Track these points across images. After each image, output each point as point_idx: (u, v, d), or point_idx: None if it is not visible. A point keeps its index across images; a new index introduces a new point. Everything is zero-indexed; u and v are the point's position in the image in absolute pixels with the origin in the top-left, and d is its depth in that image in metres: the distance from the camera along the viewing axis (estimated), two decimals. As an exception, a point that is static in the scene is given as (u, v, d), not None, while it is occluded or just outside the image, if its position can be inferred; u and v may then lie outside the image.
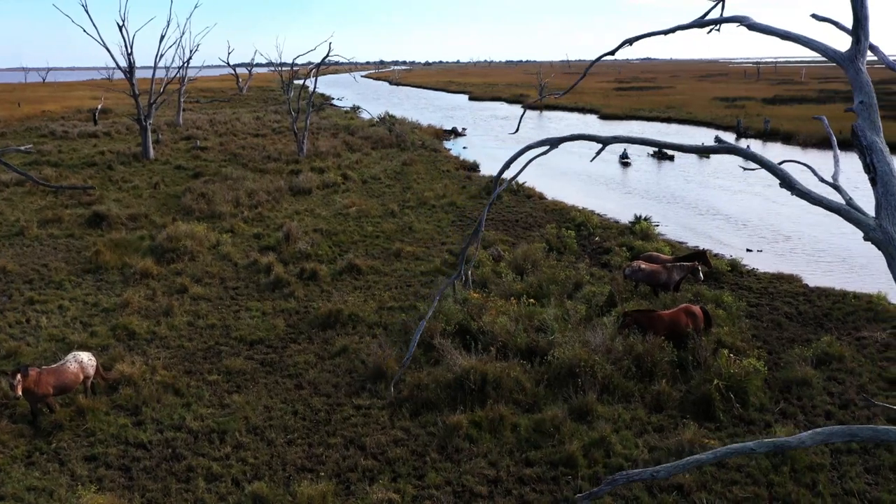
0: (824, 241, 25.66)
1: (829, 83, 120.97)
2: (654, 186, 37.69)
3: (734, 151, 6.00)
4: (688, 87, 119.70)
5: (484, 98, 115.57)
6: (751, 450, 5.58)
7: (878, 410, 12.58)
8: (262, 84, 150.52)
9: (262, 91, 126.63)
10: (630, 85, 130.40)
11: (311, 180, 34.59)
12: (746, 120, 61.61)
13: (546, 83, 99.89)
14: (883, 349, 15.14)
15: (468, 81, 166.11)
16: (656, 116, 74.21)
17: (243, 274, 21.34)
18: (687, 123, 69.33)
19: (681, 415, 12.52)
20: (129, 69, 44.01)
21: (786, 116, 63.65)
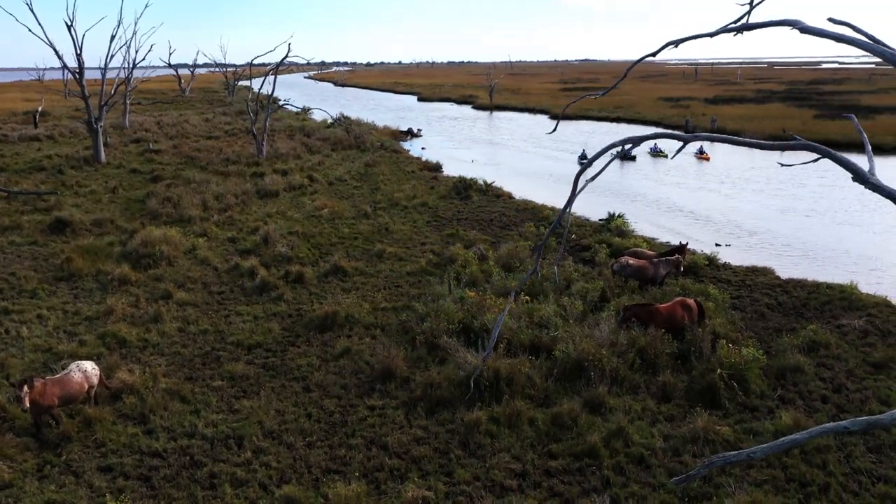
0: (788, 235, 26.78)
1: (763, 83, 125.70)
2: (617, 185, 38.54)
3: (809, 148, 6.34)
4: (632, 87, 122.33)
5: (433, 99, 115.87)
6: (845, 428, 5.89)
7: (869, 394, 13.31)
8: (204, 85, 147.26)
9: (206, 93, 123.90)
10: (575, 86, 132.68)
11: (276, 182, 34.18)
12: (693, 119, 63.51)
13: (496, 83, 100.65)
14: (863, 335, 15.97)
15: (414, 82, 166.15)
16: (606, 116, 75.84)
17: (226, 278, 21.00)
18: (636, 123, 71.00)
19: (688, 404, 12.97)
20: (79, 70, 42.54)
21: (729, 116, 65.96)
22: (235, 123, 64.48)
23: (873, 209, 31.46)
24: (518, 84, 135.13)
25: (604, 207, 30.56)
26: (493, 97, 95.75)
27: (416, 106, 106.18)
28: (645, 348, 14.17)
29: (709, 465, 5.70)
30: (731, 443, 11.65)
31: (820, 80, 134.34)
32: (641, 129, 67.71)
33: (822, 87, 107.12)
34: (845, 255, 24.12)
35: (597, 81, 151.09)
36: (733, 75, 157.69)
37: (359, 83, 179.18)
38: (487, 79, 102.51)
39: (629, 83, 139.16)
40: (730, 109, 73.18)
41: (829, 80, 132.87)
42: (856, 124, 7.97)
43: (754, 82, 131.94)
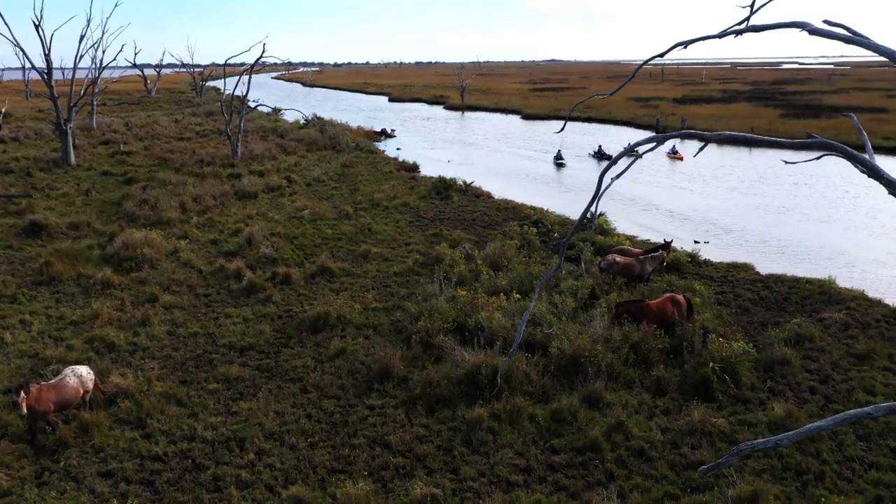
0: (763, 232, 27.40)
1: (728, 84, 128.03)
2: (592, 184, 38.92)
3: (826, 146, 6.57)
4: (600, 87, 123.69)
5: (404, 99, 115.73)
6: (868, 414, 6.10)
7: (854, 384, 13.73)
8: (170, 86, 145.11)
9: (172, 93, 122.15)
10: (544, 86, 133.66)
11: (254, 184, 33.92)
12: (663, 119, 64.46)
13: (467, 84, 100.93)
14: (844, 328, 16.45)
15: (384, 83, 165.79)
16: (577, 116, 76.41)
17: (211, 280, 20.81)
18: (608, 123, 71.94)
19: (682, 397, 13.25)
20: (48, 70, 41.68)
21: (698, 115, 67.09)
22: (206, 124, 63.75)
23: (839, 206, 32.37)
24: (488, 84, 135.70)
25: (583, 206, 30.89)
26: (464, 97, 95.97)
27: (388, 106, 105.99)
28: (638, 344, 14.43)
29: (738, 453, 5.89)
30: (727, 434, 11.94)
31: (782, 80, 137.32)
32: (613, 129, 68.60)
33: (786, 87, 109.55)
34: (819, 250, 24.78)
35: (565, 82, 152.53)
36: (698, 76, 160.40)
37: (328, 83, 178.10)
38: (459, 79, 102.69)
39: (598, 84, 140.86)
40: (698, 109, 74.43)
41: (792, 80, 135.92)
42: (855, 122, 8.26)
43: (719, 83, 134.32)
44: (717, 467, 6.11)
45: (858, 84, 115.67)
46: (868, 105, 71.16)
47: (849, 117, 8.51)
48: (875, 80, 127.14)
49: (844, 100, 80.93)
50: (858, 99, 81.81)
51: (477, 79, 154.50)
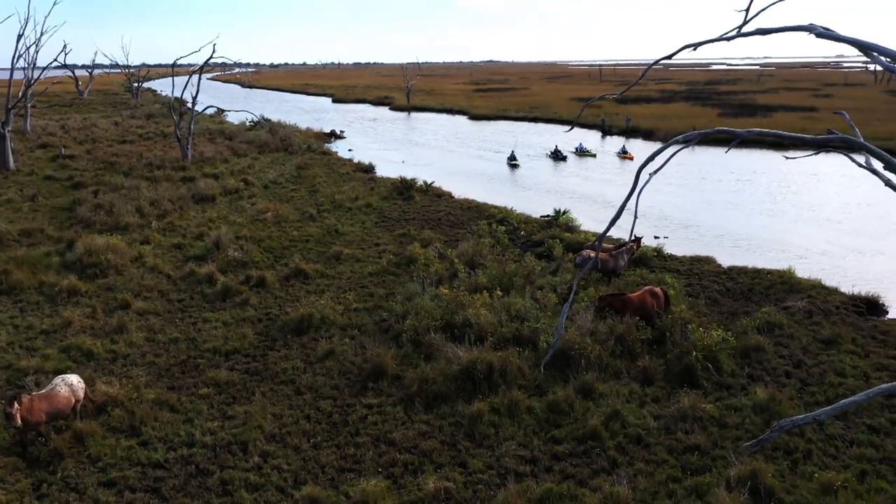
0: (717, 227, 28.50)
1: (664, 84, 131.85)
2: (547, 183, 39.75)
3: (846, 141, 7.05)
4: (542, 88, 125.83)
5: (348, 100, 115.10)
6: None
7: (825, 367, 14.54)
8: (102, 87, 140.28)
9: (106, 95, 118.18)
10: (487, 86, 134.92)
11: (211, 187, 33.32)
12: (608, 118, 66.02)
13: (413, 84, 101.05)
14: (808, 315, 17.36)
15: (326, 84, 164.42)
16: (524, 116, 77.67)
17: (182, 285, 20.43)
18: (553, 122, 73.23)
19: (669, 385, 13.79)
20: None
21: (640, 115, 68.94)
22: (149, 127, 62.16)
23: (783, 200, 33.91)
24: (431, 85, 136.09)
25: (542, 204, 31.56)
26: (410, 98, 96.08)
27: (332, 107, 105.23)
28: (623, 335, 14.92)
29: (780, 429, 6.30)
30: (717, 419, 12.50)
31: (714, 80, 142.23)
32: (559, 128, 69.82)
33: (719, 88, 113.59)
34: (770, 242, 25.95)
35: (507, 82, 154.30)
36: (635, 76, 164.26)
37: (267, 85, 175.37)
38: (404, 80, 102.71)
39: (539, 84, 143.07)
40: (639, 109, 76.43)
41: (723, 80, 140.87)
42: (847, 120, 8.84)
43: (655, 83, 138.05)
44: (761, 443, 6.52)
45: (786, 84, 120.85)
46: (798, 104, 74.53)
47: (841, 115, 9.09)
48: (800, 81, 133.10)
49: (775, 99, 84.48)
50: (788, 98, 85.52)
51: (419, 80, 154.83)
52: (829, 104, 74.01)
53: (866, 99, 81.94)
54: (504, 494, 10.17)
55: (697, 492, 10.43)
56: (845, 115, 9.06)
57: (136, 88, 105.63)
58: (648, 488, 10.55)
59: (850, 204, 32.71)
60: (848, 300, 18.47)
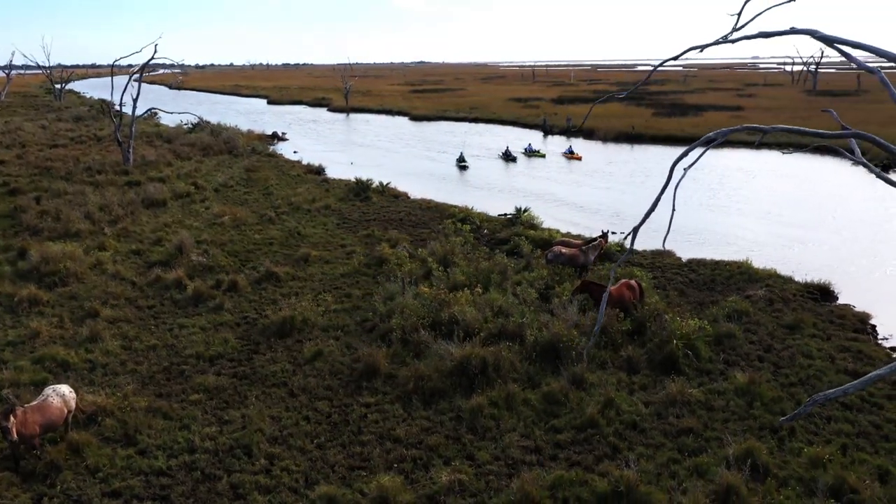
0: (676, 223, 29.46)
1: (596, 84, 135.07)
2: (497, 182, 40.34)
3: (858, 136, 7.61)
4: (478, 88, 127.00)
5: (284, 102, 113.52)
6: None
7: (794, 350, 15.44)
8: (20, 89, 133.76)
9: (25, 97, 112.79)
10: (423, 87, 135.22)
11: (161, 191, 32.45)
12: (549, 118, 67.28)
13: (351, 85, 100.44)
14: (769, 303, 18.34)
15: (258, 85, 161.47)
16: (464, 117, 78.29)
17: (150, 292, 19.94)
18: (494, 123, 74.08)
19: (654, 373, 14.38)
20: None
21: (579, 114, 70.44)
22: (80, 130, 59.88)
23: (723, 195, 35.44)
24: (367, 86, 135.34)
25: (497, 203, 32.04)
26: (348, 100, 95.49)
27: (267, 109, 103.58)
28: (605, 327, 15.45)
29: (813, 403, 6.81)
30: (703, 402, 13.15)
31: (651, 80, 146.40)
32: (499, 128, 70.81)
33: (648, 88, 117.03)
34: (720, 235, 27.15)
35: (442, 83, 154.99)
36: (567, 77, 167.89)
37: (197, 86, 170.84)
38: (342, 81, 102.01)
39: (474, 85, 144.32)
40: (575, 109, 78.04)
41: (652, 81, 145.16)
42: (836, 118, 9.51)
43: (587, 83, 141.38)
44: (796, 416, 7.02)
45: (710, 85, 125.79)
46: (725, 104, 77.71)
47: (828, 112, 9.76)
48: (723, 81, 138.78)
49: (704, 99, 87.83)
50: (715, 98, 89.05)
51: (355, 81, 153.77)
52: (754, 103, 77.56)
53: (787, 98, 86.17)
54: (519, 483, 10.46)
55: (698, 471, 10.99)
56: (833, 113, 9.74)
57: (60, 90, 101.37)
58: (652, 471, 11.04)
59: (784, 198, 34.44)
60: (802, 288, 19.59)
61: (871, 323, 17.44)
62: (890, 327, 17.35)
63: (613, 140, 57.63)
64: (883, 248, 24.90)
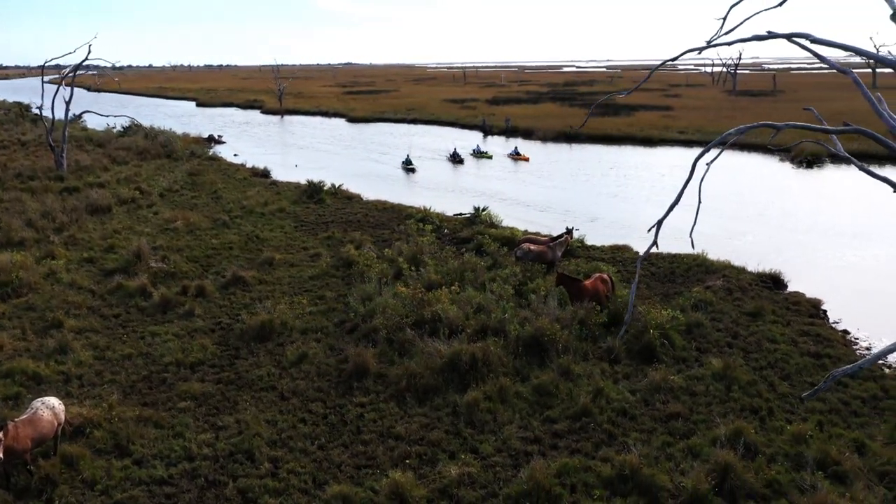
0: (621, 219, 30.54)
1: (527, 85, 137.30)
2: (448, 183, 40.69)
3: (859, 132, 8.21)
4: (412, 90, 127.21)
5: (214, 104, 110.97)
6: None
7: (759, 336, 16.31)
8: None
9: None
10: (356, 89, 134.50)
11: (104, 197, 31.36)
12: (488, 119, 68.08)
13: (285, 87, 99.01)
14: (729, 293, 19.28)
15: (184, 87, 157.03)
16: (402, 118, 78.39)
17: (112, 300, 19.32)
18: (433, 124, 74.49)
19: (634, 363, 14.95)
20: None
21: (516, 115, 71.60)
22: (0, 135, 57.02)
23: (661, 191, 36.75)
24: (299, 88, 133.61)
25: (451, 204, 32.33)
26: (282, 101, 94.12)
27: (197, 111, 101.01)
28: (584, 320, 15.96)
29: (831, 379, 7.34)
30: (685, 388, 13.76)
31: (572, 82, 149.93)
32: (439, 129, 71.29)
33: (578, 89, 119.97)
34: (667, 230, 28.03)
35: (373, 84, 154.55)
36: (498, 78, 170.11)
37: (118, 88, 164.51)
38: (275, 83, 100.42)
39: (407, 86, 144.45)
40: (512, 109, 79.24)
41: (581, 81, 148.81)
42: (816, 115, 10.21)
43: (518, 84, 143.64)
44: (817, 392, 7.55)
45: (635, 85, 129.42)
46: (655, 104, 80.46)
47: (809, 110, 10.46)
48: (648, 82, 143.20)
49: (634, 99, 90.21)
50: (643, 98, 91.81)
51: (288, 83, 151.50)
52: (682, 103, 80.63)
53: (710, 98, 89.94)
54: (528, 472, 10.75)
55: (692, 452, 11.55)
56: (814, 111, 10.45)
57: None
58: (650, 454, 11.52)
59: (723, 192, 35.96)
60: (756, 277, 20.67)
61: (822, 308, 18.56)
62: (838, 311, 18.51)
63: (553, 140, 58.89)
64: (817, 239, 26.44)
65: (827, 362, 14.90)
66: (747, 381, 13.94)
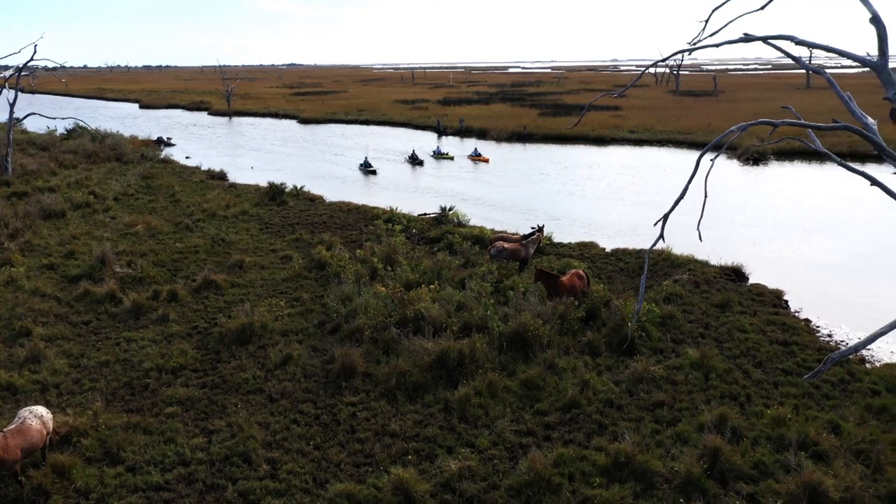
0: (583, 217, 31.17)
1: (475, 86, 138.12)
2: (407, 184, 40.78)
3: (848, 128, 8.68)
4: (361, 91, 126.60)
5: (159, 106, 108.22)
6: None
7: (729, 326, 16.96)
8: None
9: None
10: (304, 90, 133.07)
11: (57, 202, 30.43)
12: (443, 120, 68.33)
13: (233, 88, 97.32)
14: (696, 285, 19.96)
15: (125, 88, 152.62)
16: (354, 119, 78.05)
17: (80, 307, 18.83)
18: (385, 125, 74.38)
19: (615, 355, 15.37)
20: None
21: (469, 116, 72.09)
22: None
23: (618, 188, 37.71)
24: (245, 89, 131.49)
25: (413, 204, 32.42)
26: (230, 103, 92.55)
27: (141, 113, 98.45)
28: (563, 315, 16.33)
29: (830, 361, 7.77)
30: (666, 378, 14.24)
31: (520, 82, 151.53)
32: (391, 130, 71.27)
33: (527, 90, 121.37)
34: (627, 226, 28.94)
35: (321, 86, 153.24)
36: (446, 79, 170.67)
37: (54, 89, 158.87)
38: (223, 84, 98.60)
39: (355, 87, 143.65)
40: (463, 110, 79.69)
41: (528, 82, 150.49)
42: (794, 112, 10.74)
43: (467, 85, 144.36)
44: (817, 374, 7.96)
45: (583, 86, 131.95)
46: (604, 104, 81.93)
47: (787, 109, 11.00)
48: (593, 82, 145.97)
49: (581, 99, 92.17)
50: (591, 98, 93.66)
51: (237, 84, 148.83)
52: (629, 103, 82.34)
53: (656, 98, 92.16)
54: (528, 463, 10.99)
55: (681, 438, 12.00)
56: (791, 109, 10.99)
57: None
58: (640, 442, 11.90)
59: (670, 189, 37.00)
60: (720, 270, 21.44)
61: (784, 299, 19.38)
62: (798, 301, 19.35)
63: (507, 140, 59.54)
64: (770, 233, 27.54)
65: (795, 349, 15.63)
66: (724, 370, 14.51)
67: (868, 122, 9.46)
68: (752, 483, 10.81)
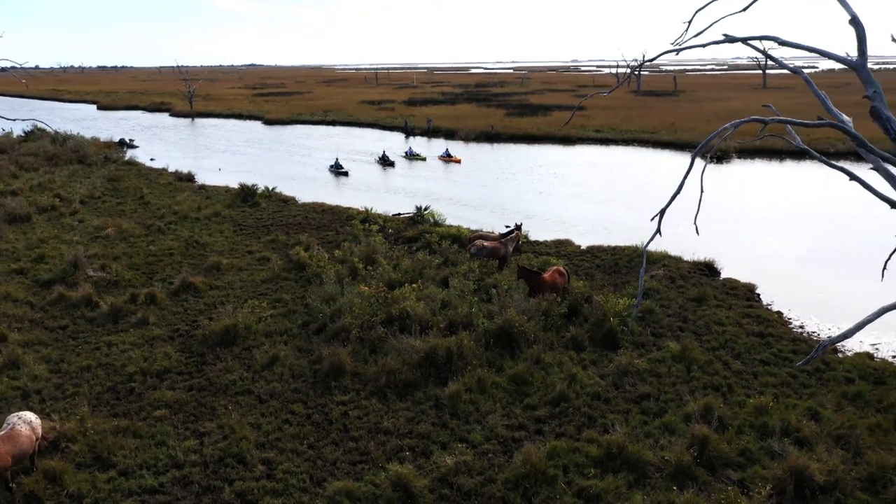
0: (555, 215, 31.53)
1: (440, 87, 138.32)
2: (382, 185, 40.75)
3: (832, 125, 8.99)
4: (325, 91, 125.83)
5: (117, 107, 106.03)
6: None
7: (707, 319, 17.40)
8: None
9: None
10: (267, 91, 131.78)
11: (22, 205, 29.72)
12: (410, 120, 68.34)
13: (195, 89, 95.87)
14: (671, 280, 20.40)
15: (80, 89, 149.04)
16: (320, 120, 77.62)
17: (55, 312, 18.47)
18: (352, 125, 74.13)
19: (598, 349, 15.66)
20: None
21: (435, 116, 72.20)
22: None
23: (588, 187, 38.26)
24: (206, 90, 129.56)
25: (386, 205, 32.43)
26: (193, 104, 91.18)
27: (99, 115, 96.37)
28: (547, 311, 16.58)
29: (822, 348, 8.07)
30: (650, 370, 14.57)
31: (484, 83, 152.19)
32: (357, 130, 71.09)
33: (491, 90, 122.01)
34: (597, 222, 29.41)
35: (284, 86, 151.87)
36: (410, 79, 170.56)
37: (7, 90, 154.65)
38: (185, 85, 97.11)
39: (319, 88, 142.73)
40: (430, 110, 79.72)
41: (492, 83, 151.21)
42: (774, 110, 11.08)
43: (431, 86, 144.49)
44: (810, 360, 8.26)
45: (546, 86, 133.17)
46: (568, 103, 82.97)
47: (768, 108, 11.35)
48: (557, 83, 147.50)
49: (545, 99, 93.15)
50: (556, 98, 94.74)
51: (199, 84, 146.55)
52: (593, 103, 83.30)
53: (619, 98, 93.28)
54: (522, 456, 11.18)
55: (668, 429, 12.31)
56: (772, 107, 11.33)
57: None
58: (629, 433, 12.18)
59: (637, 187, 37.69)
60: (693, 265, 21.94)
61: (757, 292, 19.94)
62: (769, 294, 19.92)
63: (475, 140, 59.82)
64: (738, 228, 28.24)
65: (771, 340, 16.12)
66: (704, 362, 14.90)
67: (844, 118, 9.84)
68: (740, 469, 11.16)
